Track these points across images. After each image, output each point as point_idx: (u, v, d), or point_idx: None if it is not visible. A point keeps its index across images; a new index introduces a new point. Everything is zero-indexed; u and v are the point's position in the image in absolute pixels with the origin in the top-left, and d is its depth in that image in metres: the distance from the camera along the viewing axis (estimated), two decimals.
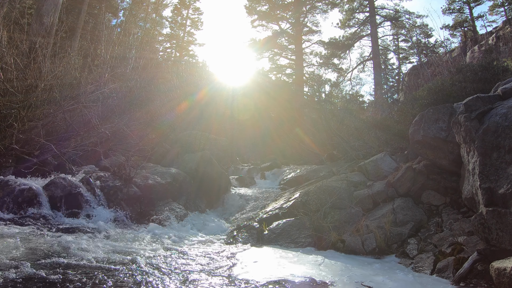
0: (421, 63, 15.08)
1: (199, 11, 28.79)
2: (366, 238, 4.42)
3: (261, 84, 18.26)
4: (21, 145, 5.82)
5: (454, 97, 5.96)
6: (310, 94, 22.31)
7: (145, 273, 3.02)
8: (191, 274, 3.18)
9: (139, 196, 5.80)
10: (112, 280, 2.72)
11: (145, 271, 3.08)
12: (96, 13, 18.74)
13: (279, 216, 5.53)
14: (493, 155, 3.37)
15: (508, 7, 20.85)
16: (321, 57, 23.33)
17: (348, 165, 7.95)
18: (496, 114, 3.54)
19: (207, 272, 3.29)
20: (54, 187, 5.09)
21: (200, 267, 3.47)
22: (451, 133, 4.73)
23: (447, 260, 3.52)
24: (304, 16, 21.86)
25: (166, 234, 4.84)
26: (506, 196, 3.05)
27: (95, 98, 7.78)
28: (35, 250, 3.23)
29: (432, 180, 5.14)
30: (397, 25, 22.49)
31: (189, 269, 3.34)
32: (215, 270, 3.41)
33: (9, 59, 5.95)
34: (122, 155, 7.07)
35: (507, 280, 2.61)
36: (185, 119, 10.63)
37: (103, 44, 11.22)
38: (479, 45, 16.38)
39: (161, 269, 3.21)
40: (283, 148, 13.60)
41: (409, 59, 26.34)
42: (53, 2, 9.67)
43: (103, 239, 4.07)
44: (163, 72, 13.33)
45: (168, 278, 2.98)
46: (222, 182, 7.63)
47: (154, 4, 25.70)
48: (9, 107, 5.68)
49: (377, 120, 9.51)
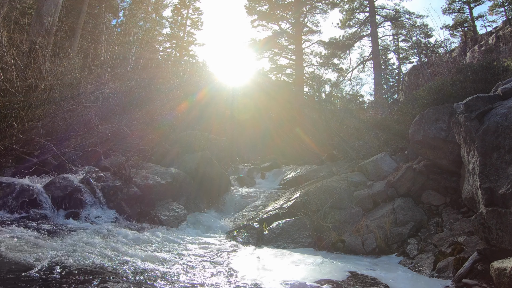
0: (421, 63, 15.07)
1: (199, 11, 28.79)
2: (366, 238, 4.42)
3: (261, 84, 18.23)
4: (21, 145, 5.82)
5: (454, 97, 5.95)
6: (310, 94, 22.31)
7: (145, 273, 3.02)
8: (191, 274, 3.18)
9: (139, 196, 5.80)
10: (112, 280, 2.72)
11: (145, 271, 3.07)
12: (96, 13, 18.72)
13: (279, 216, 5.53)
14: (493, 155, 3.37)
15: (508, 7, 20.84)
16: (321, 57, 23.31)
17: (348, 165, 7.95)
18: (496, 114, 3.54)
19: (207, 272, 3.29)
20: (54, 187, 5.09)
21: (200, 267, 3.47)
22: (451, 133, 4.73)
23: (447, 260, 3.52)
24: (304, 16, 21.84)
25: (166, 234, 4.84)
26: (506, 196, 3.04)
27: (95, 98, 7.78)
28: (35, 250, 3.23)
29: (432, 180, 5.14)
30: (397, 25, 22.47)
31: (189, 269, 3.34)
32: (215, 269, 3.41)
33: (9, 59, 5.95)
34: (122, 155, 7.07)
35: (507, 280, 2.61)
36: (185, 119, 10.62)
37: (103, 44, 11.22)
38: (479, 45, 16.37)
39: (161, 269, 3.20)
40: (283, 148, 13.58)
41: (409, 59, 26.31)
42: (53, 2, 9.67)
43: (103, 239, 4.07)
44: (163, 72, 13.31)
45: (168, 278, 2.98)
46: (222, 182, 7.62)
47: (154, 4, 25.69)
48: (9, 107, 5.67)
49: (377, 120, 9.50)
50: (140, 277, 2.89)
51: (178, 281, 2.95)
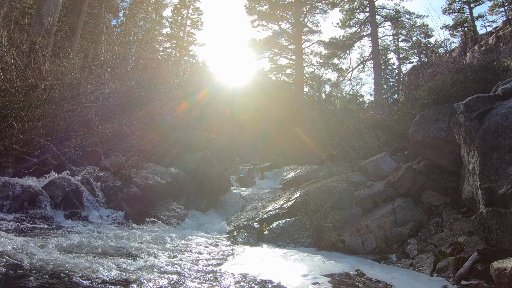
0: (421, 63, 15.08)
1: (199, 11, 28.81)
2: (366, 238, 4.42)
3: (261, 84, 18.24)
4: (21, 145, 5.82)
5: (454, 97, 5.95)
6: (310, 94, 22.33)
7: (144, 273, 3.02)
8: (191, 274, 3.18)
9: (139, 196, 5.80)
10: (111, 280, 2.72)
11: (145, 271, 3.08)
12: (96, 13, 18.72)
13: (279, 216, 5.53)
14: (493, 155, 3.37)
15: (508, 7, 20.85)
16: (321, 57, 23.33)
17: (348, 165, 7.95)
18: (496, 114, 3.54)
19: (206, 272, 3.29)
20: (54, 187, 5.09)
21: (199, 266, 3.47)
22: (451, 133, 4.73)
23: (447, 260, 3.52)
24: (304, 16, 21.85)
25: (166, 234, 4.84)
26: (506, 196, 3.04)
27: (95, 98, 7.78)
28: (35, 250, 3.23)
29: (432, 180, 5.14)
30: (397, 25, 22.48)
31: (189, 268, 3.34)
32: (215, 269, 3.41)
33: (9, 59, 5.95)
34: (122, 155, 7.08)
35: (507, 280, 2.61)
36: (185, 119, 10.63)
37: (103, 44, 11.22)
38: (479, 45, 16.37)
39: (161, 269, 3.21)
40: (283, 148, 13.59)
41: (409, 59, 26.34)
42: (53, 2, 9.67)
43: (103, 239, 4.07)
44: (163, 72, 13.32)
45: (168, 278, 2.98)
46: (222, 182, 7.63)
47: (154, 4, 25.69)
48: (9, 107, 5.67)
49: (377, 120, 9.50)
50: (140, 277, 2.89)
51: (178, 280, 2.95)
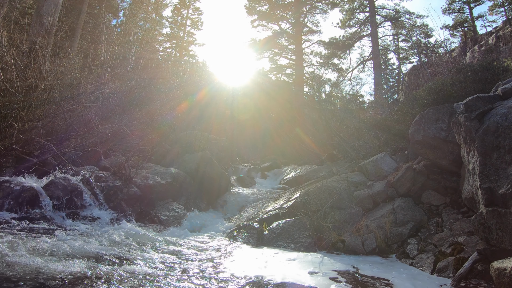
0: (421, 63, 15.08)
1: (199, 11, 28.81)
2: (366, 238, 4.42)
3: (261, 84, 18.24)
4: (21, 145, 5.81)
5: (454, 97, 5.95)
6: (310, 94, 22.31)
7: (144, 272, 3.02)
8: (190, 274, 3.18)
9: (139, 196, 5.80)
10: (111, 280, 2.72)
11: (145, 271, 3.08)
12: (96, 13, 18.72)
13: (279, 216, 5.53)
14: (493, 155, 3.37)
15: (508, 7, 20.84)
16: (321, 57, 23.32)
17: (348, 165, 7.95)
18: (496, 114, 3.54)
19: (207, 272, 3.29)
20: (54, 187, 5.09)
21: (200, 266, 3.47)
22: (451, 133, 4.73)
23: (447, 260, 3.53)
24: (304, 16, 21.84)
25: (166, 234, 4.84)
26: (506, 196, 3.04)
27: (95, 98, 7.78)
28: (35, 250, 3.23)
29: (432, 180, 5.14)
30: (397, 25, 22.48)
31: (188, 268, 3.34)
32: (215, 269, 3.41)
33: (9, 59, 5.95)
34: (122, 155, 7.07)
35: (507, 280, 2.61)
36: (185, 119, 10.62)
37: (103, 44, 11.22)
38: (479, 45, 16.37)
39: (161, 268, 3.21)
40: (283, 148, 13.59)
41: (409, 59, 26.34)
42: (53, 2, 9.67)
43: (102, 239, 4.07)
44: (163, 72, 13.32)
45: (168, 277, 2.98)
46: (222, 182, 7.62)
47: (154, 4, 25.68)
48: (9, 107, 5.67)
49: (377, 120, 9.49)
50: (140, 277, 2.89)
51: (178, 280, 2.95)
